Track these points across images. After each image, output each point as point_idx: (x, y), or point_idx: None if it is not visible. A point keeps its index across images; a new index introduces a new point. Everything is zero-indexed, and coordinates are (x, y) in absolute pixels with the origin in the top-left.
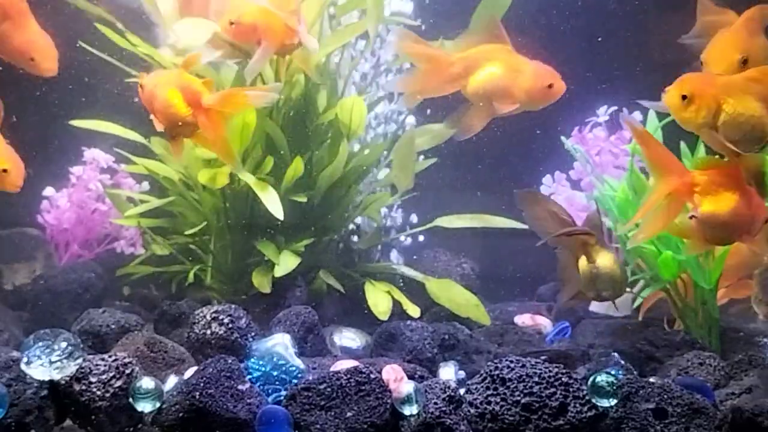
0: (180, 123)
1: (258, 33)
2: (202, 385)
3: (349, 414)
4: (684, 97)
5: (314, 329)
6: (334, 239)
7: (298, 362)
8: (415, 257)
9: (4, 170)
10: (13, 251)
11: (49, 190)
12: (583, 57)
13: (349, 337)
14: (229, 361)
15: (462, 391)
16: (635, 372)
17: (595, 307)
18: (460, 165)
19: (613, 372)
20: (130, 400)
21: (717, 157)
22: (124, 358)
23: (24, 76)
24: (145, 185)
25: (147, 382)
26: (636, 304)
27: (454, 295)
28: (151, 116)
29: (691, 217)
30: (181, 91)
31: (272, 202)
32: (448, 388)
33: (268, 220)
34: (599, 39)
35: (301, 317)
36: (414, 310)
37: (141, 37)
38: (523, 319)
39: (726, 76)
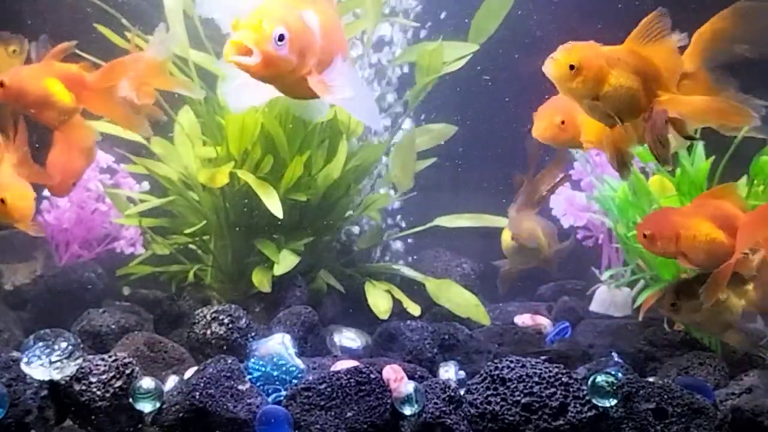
0: (64, 110)
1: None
2: (202, 385)
3: (349, 414)
4: (572, 67)
5: (314, 329)
6: (334, 239)
7: (298, 362)
8: (415, 257)
9: (2, 200)
10: (13, 251)
11: None
12: None
13: (349, 337)
14: (229, 361)
15: (462, 391)
16: (635, 372)
17: (595, 307)
18: (460, 165)
19: (613, 372)
20: (130, 400)
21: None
22: (124, 358)
23: None
24: (145, 185)
25: (147, 382)
26: (636, 304)
27: (453, 295)
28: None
29: None
30: (59, 79)
31: (272, 202)
32: (448, 388)
33: (268, 220)
34: (598, 38)
35: (301, 317)
36: (414, 309)
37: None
38: (523, 319)
39: (609, 47)
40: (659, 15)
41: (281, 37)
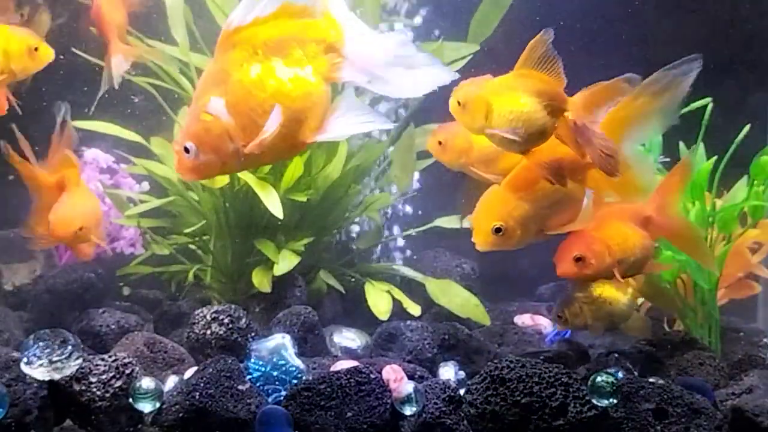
0: None
1: None
2: (202, 385)
3: (349, 414)
4: (459, 104)
5: (314, 329)
6: (334, 239)
7: (298, 362)
8: (415, 257)
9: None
10: (13, 251)
11: None
12: (583, 57)
13: (349, 337)
14: (229, 361)
15: (462, 391)
16: (635, 372)
17: None
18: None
19: (613, 372)
20: (130, 400)
21: None
22: (124, 358)
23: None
24: (145, 185)
25: (147, 382)
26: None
27: (453, 295)
28: None
29: None
30: None
31: (272, 202)
32: (448, 388)
33: (268, 220)
34: (600, 39)
35: (301, 317)
36: (414, 309)
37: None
38: (523, 319)
39: (498, 78)
40: (542, 37)
41: (186, 150)
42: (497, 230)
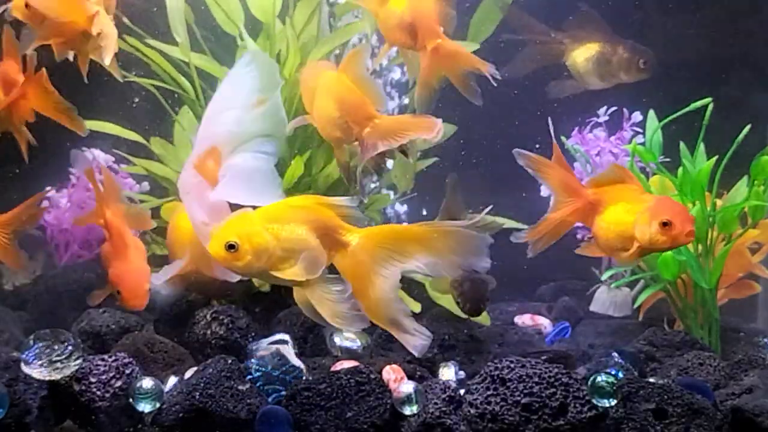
0: None
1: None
2: (202, 385)
3: (349, 414)
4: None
5: (314, 329)
6: None
7: (298, 362)
8: None
9: (118, 292)
10: None
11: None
12: None
13: (349, 337)
14: (229, 361)
15: (462, 391)
16: (635, 372)
17: (595, 307)
18: (460, 165)
19: (613, 372)
20: (130, 400)
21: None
22: (124, 358)
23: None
24: (145, 185)
25: (147, 382)
26: (636, 304)
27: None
28: None
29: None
30: None
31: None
32: (448, 388)
33: None
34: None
35: (301, 317)
36: (414, 306)
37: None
38: (523, 319)
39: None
40: (360, 48)
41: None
42: (230, 246)
